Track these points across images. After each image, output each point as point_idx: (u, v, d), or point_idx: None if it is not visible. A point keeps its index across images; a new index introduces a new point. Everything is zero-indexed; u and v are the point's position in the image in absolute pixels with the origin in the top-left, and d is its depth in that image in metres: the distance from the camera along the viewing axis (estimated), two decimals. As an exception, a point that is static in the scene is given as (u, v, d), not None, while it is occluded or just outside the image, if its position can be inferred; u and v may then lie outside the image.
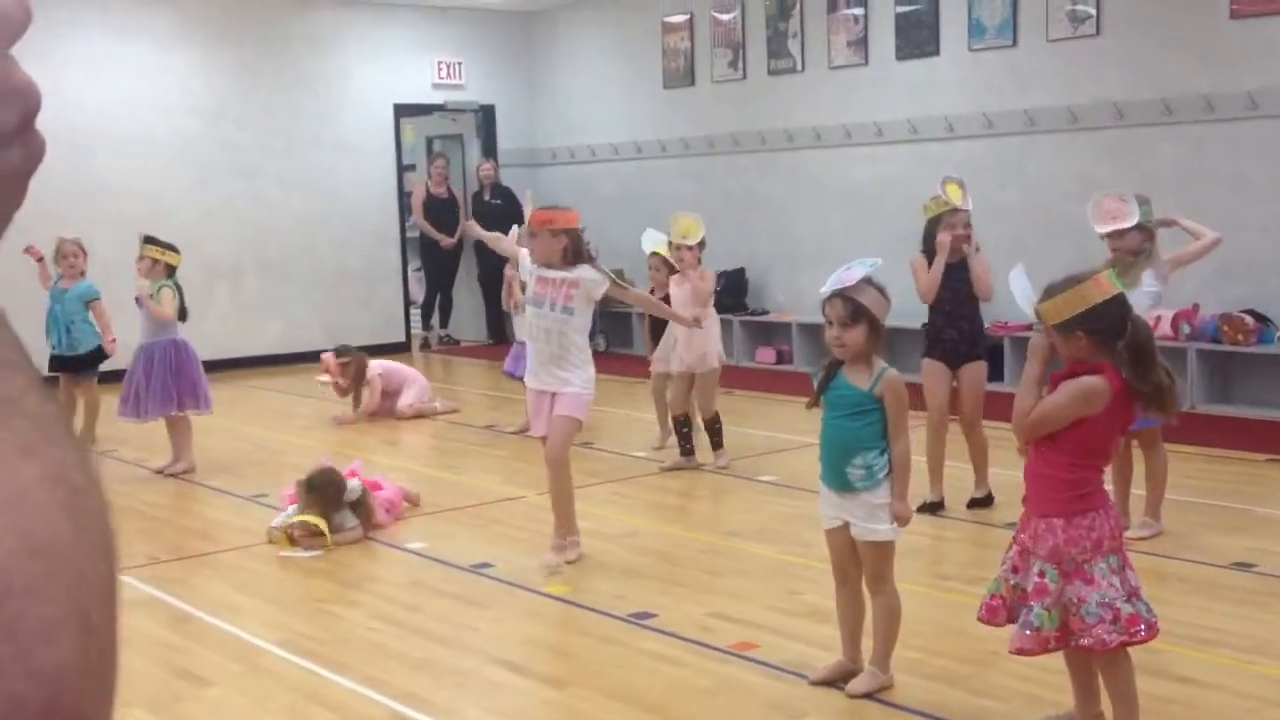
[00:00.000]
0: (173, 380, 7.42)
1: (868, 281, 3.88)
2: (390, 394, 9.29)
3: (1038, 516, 3.42)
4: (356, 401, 9.26)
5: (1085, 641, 3.30)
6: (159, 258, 7.49)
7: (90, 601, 0.51)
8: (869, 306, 3.84)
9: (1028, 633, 3.36)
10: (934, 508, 6.11)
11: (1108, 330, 3.36)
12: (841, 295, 3.85)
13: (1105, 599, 3.30)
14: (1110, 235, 5.52)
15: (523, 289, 6.11)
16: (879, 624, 3.98)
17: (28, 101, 0.60)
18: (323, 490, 5.88)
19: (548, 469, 5.49)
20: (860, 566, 3.98)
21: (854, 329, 3.84)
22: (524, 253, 5.62)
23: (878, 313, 3.86)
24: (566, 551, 5.49)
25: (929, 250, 6.19)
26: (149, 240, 7.57)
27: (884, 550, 3.93)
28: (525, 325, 5.51)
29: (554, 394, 5.38)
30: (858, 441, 3.87)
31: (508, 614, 4.97)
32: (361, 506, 5.97)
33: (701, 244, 7.34)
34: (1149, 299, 5.53)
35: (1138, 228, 5.49)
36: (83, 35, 11.33)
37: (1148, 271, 5.52)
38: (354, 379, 9.24)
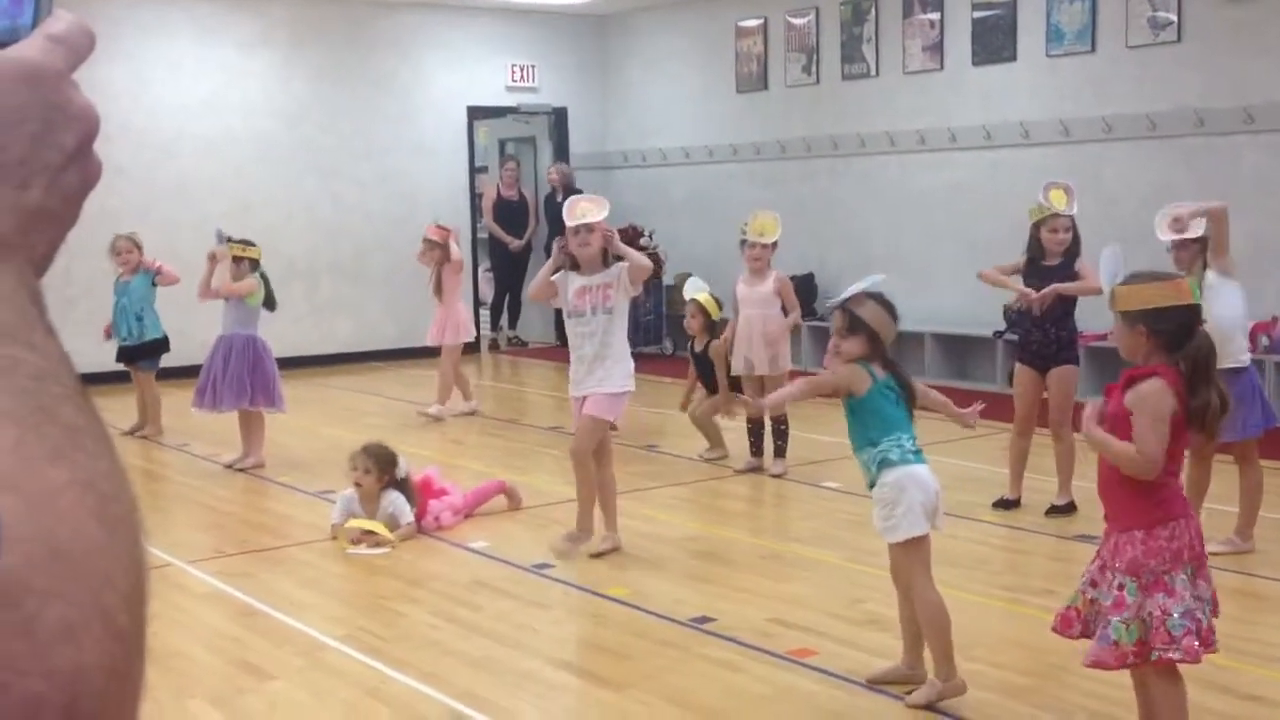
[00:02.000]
0: (248, 375, 7.55)
1: (869, 296, 4.07)
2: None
3: (1118, 531, 3.35)
4: (438, 289, 9.56)
5: (1171, 654, 3.23)
6: (242, 254, 7.66)
7: (117, 605, 0.52)
8: (866, 320, 4.01)
9: (1104, 646, 3.29)
10: (1008, 504, 6.27)
11: (1169, 334, 3.32)
12: (841, 308, 4.06)
13: (1187, 609, 3.24)
14: (1176, 247, 5.49)
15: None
16: (923, 631, 3.96)
17: (87, 126, 0.62)
18: (378, 453, 6.01)
19: (571, 461, 5.69)
20: None
21: (849, 340, 4.03)
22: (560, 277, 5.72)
23: (875, 326, 4.01)
24: (577, 543, 5.62)
25: (1032, 255, 6.25)
26: (228, 242, 7.71)
27: (898, 551, 3.98)
28: (569, 331, 5.69)
29: (589, 395, 5.57)
30: (852, 440, 4.07)
31: (567, 615, 4.99)
32: (407, 487, 6.05)
33: (774, 244, 7.34)
34: (1238, 293, 5.48)
35: (1196, 240, 5.48)
36: (168, 38, 11.55)
37: (1220, 274, 5.46)
38: (443, 253, 9.55)
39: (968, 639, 4.28)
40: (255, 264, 7.72)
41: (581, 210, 5.63)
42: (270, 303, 7.75)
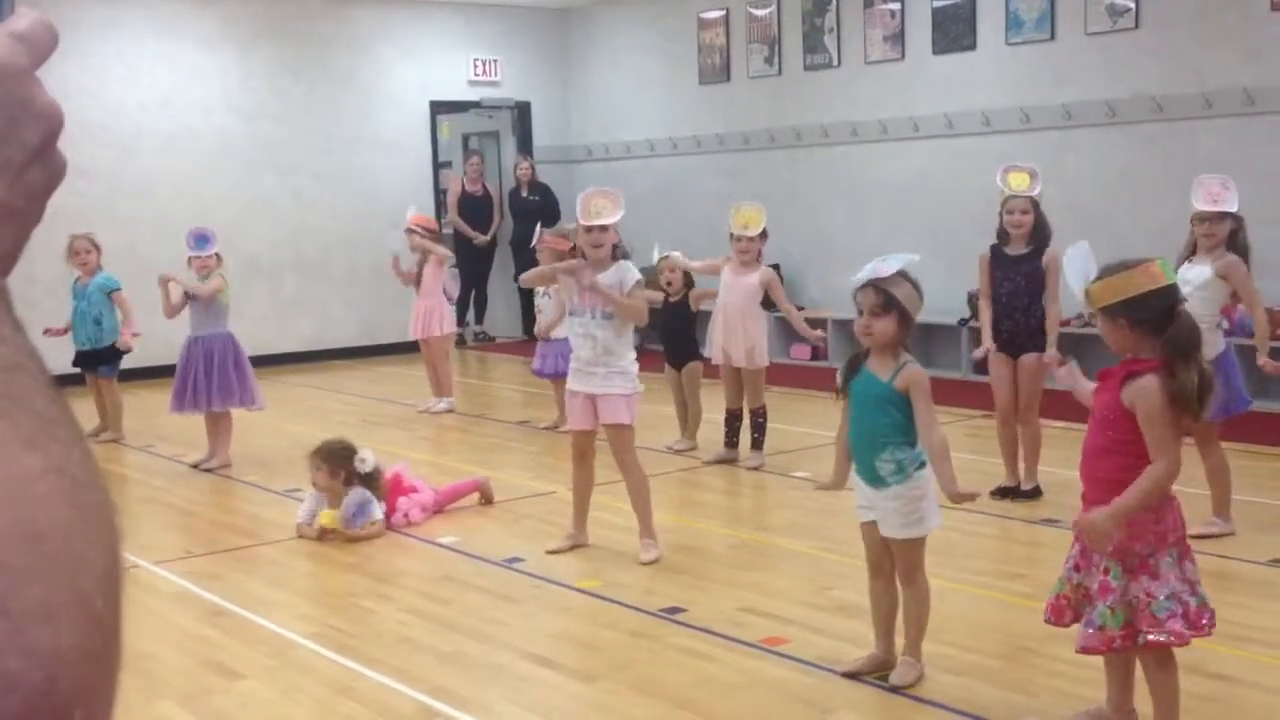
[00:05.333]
0: (234, 372, 7.50)
1: (902, 275, 3.87)
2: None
3: None
4: (417, 281, 9.44)
5: (1157, 637, 3.24)
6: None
7: (93, 589, 0.52)
8: (900, 298, 3.83)
9: (1091, 631, 3.28)
10: (1007, 492, 6.26)
11: (1151, 320, 3.28)
12: (874, 285, 3.85)
13: (1173, 592, 3.25)
14: (1206, 219, 5.39)
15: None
16: (911, 615, 3.98)
17: (51, 123, 0.62)
18: (329, 451, 5.95)
19: (623, 475, 5.51)
20: (893, 559, 3.98)
21: (883, 318, 3.83)
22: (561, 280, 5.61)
23: (909, 306, 3.85)
24: (650, 551, 5.47)
25: (996, 243, 6.28)
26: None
27: (914, 545, 3.92)
28: (569, 329, 5.53)
29: (595, 396, 5.40)
30: (883, 435, 3.86)
31: (538, 608, 4.98)
32: (374, 482, 6.01)
33: (763, 235, 7.30)
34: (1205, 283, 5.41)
35: (1231, 216, 5.39)
36: (126, 34, 11.45)
37: (1205, 270, 5.39)
38: (430, 240, 9.46)
39: (938, 623, 4.31)
40: (218, 261, 7.67)
41: (597, 208, 5.33)
42: None
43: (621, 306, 5.31)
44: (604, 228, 5.35)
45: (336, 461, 5.96)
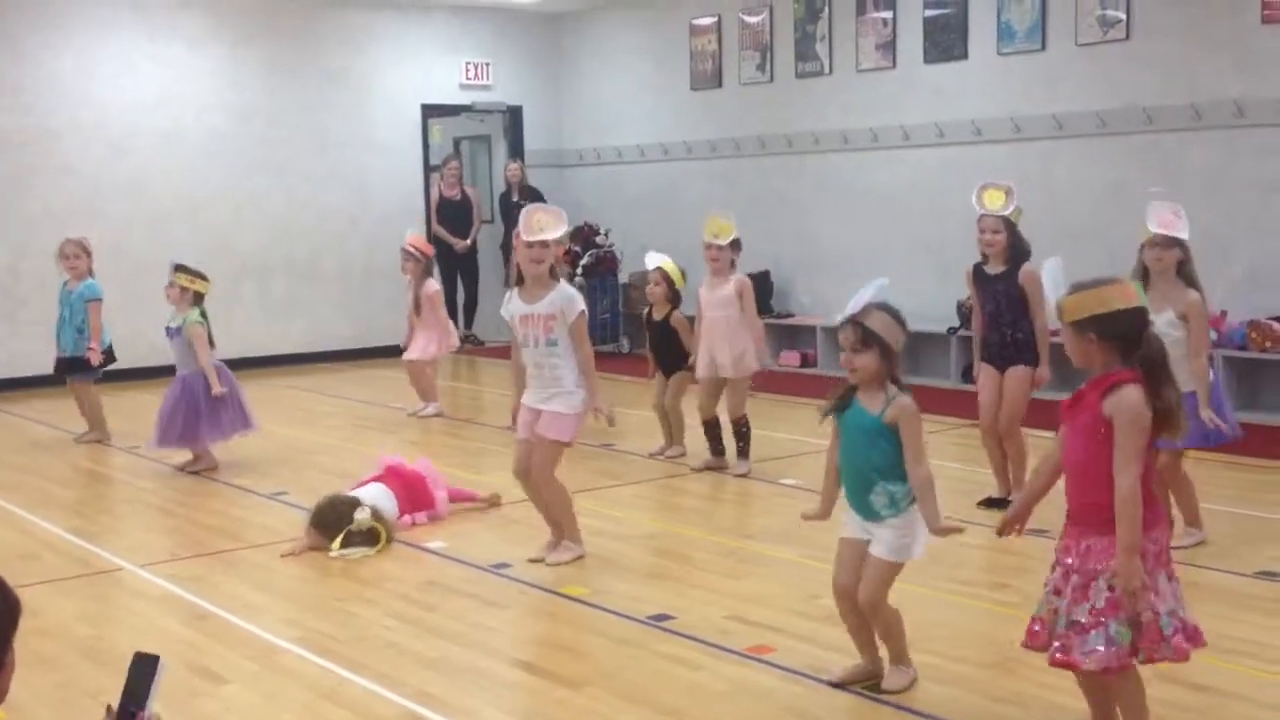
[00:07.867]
0: (225, 411, 7.46)
1: (878, 306, 3.85)
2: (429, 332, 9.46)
3: (1094, 535, 3.28)
4: (416, 305, 9.36)
5: (1165, 654, 3.24)
6: (188, 285, 7.50)
7: None
8: (878, 332, 3.81)
9: (1110, 650, 3.23)
10: (994, 503, 6.24)
11: (1121, 338, 3.25)
12: (852, 321, 3.85)
13: (1171, 609, 3.25)
14: (1154, 244, 5.37)
15: None
16: (885, 636, 4.01)
17: None
18: (324, 522, 5.78)
19: (537, 490, 5.56)
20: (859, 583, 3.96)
21: (863, 354, 3.83)
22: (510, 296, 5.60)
23: (888, 337, 3.82)
24: (560, 551, 5.55)
25: (979, 261, 6.30)
26: (179, 268, 7.56)
27: (891, 569, 3.91)
28: (524, 358, 5.53)
29: (540, 410, 5.45)
30: (876, 470, 3.85)
31: (524, 614, 4.97)
32: (380, 528, 5.83)
33: (736, 244, 7.29)
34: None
35: (1179, 245, 5.36)
36: (119, 33, 11.43)
37: (1168, 314, 5.25)
38: (424, 270, 9.40)
39: (923, 633, 4.32)
40: (199, 298, 7.56)
41: (539, 223, 5.31)
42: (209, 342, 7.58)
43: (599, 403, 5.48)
44: (545, 243, 5.33)
45: (330, 533, 5.75)
